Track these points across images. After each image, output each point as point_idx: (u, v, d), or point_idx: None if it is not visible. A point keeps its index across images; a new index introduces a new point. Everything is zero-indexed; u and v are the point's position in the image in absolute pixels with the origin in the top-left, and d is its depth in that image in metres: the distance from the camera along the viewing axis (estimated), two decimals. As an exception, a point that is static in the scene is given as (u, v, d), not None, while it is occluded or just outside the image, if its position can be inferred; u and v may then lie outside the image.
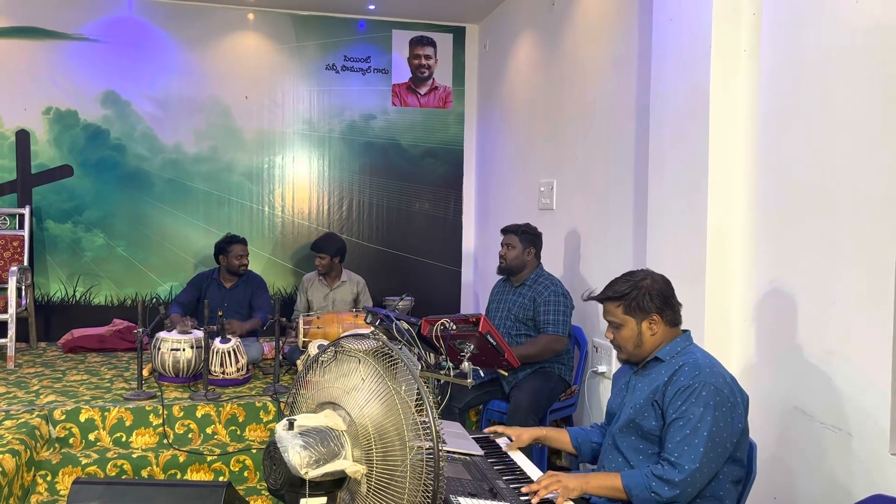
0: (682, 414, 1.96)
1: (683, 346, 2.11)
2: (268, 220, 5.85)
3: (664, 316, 2.11)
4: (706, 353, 2.11)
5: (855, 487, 2.17)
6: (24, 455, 3.15)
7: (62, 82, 5.44)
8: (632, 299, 2.11)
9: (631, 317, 2.12)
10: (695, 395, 1.96)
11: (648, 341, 2.12)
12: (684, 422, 1.95)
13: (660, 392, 2.04)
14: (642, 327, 2.11)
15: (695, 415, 1.94)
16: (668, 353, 2.11)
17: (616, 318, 2.14)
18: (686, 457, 1.93)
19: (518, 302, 3.65)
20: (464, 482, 2.03)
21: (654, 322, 2.11)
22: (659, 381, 2.06)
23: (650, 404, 2.06)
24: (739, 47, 2.68)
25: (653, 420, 2.05)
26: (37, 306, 5.32)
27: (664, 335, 2.13)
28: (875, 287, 2.12)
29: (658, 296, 2.11)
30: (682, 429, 1.95)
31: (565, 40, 4.37)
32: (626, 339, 2.14)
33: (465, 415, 3.69)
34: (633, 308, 2.11)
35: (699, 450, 1.92)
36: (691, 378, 1.99)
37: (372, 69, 5.96)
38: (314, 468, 1.49)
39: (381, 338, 1.67)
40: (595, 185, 3.96)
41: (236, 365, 4.09)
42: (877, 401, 2.11)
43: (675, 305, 2.14)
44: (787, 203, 2.48)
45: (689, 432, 1.94)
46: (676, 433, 1.96)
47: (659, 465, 1.97)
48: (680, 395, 1.98)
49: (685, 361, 2.05)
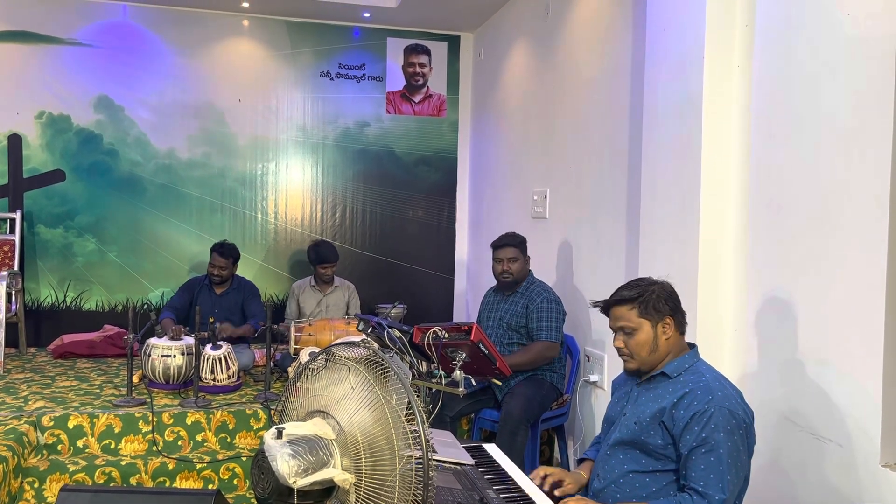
0: (702, 442, 1.92)
1: (692, 363, 2.08)
2: (261, 227, 5.83)
3: (676, 320, 2.09)
4: (714, 372, 2.07)
5: (846, 498, 2.17)
6: (11, 462, 3.12)
7: (55, 87, 5.42)
8: (646, 301, 2.06)
9: (646, 320, 2.07)
10: (713, 420, 1.92)
11: (663, 346, 2.08)
12: (707, 449, 1.92)
13: (667, 413, 2.00)
14: (657, 331, 2.07)
15: (717, 441, 1.91)
16: (675, 369, 2.07)
17: (630, 322, 2.09)
18: (713, 486, 1.89)
19: (510, 310, 3.65)
20: (454, 492, 2.02)
21: (667, 325, 2.08)
22: (666, 403, 2.02)
23: (657, 424, 2.03)
24: (732, 58, 2.70)
25: (658, 439, 2.03)
26: (27, 311, 5.29)
27: (674, 343, 2.10)
28: (866, 297, 2.12)
29: (669, 299, 2.09)
30: (704, 456, 1.92)
31: (559, 50, 4.39)
32: (641, 345, 2.08)
33: (457, 423, 3.67)
34: (648, 310, 2.06)
35: (726, 478, 1.89)
36: (705, 403, 1.95)
37: (366, 77, 5.96)
38: (302, 477, 1.48)
39: (371, 346, 1.66)
40: (588, 194, 3.97)
41: (227, 372, 4.07)
42: (868, 412, 2.11)
43: (683, 313, 2.13)
44: (780, 213, 2.49)
45: (713, 460, 1.91)
46: (699, 461, 1.92)
47: (688, 496, 1.93)
48: (696, 421, 1.94)
49: (695, 384, 2.01)
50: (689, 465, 1.95)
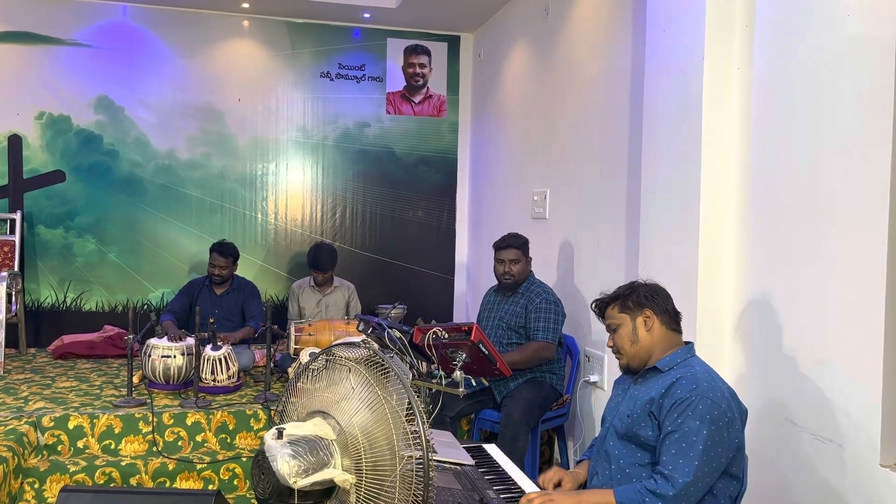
0: (677, 427, 1.95)
1: (684, 358, 2.10)
2: (261, 227, 5.83)
3: (658, 314, 2.13)
4: (706, 367, 2.09)
5: (845, 499, 2.17)
6: (11, 462, 3.12)
7: (55, 87, 5.42)
8: (625, 297, 2.17)
9: (626, 314, 2.15)
10: (691, 408, 1.94)
11: (644, 339, 2.12)
12: (680, 435, 1.94)
13: (656, 403, 2.03)
14: (636, 323, 2.13)
15: (691, 428, 1.93)
16: (667, 363, 2.10)
17: (613, 319, 2.18)
18: (680, 470, 1.91)
19: (510, 310, 3.65)
20: (454, 492, 2.03)
21: (648, 318, 2.12)
22: (654, 393, 2.05)
23: (647, 414, 2.05)
24: (732, 58, 2.70)
25: (649, 430, 2.05)
26: (27, 312, 5.29)
27: (661, 337, 2.12)
28: (865, 297, 2.13)
29: (651, 294, 2.15)
30: (677, 442, 1.94)
31: (559, 50, 4.39)
32: (623, 338, 2.15)
33: (457, 424, 3.67)
34: (626, 305, 2.15)
35: (693, 463, 1.91)
36: (688, 392, 1.97)
37: (366, 77, 5.96)
38: (303, 477, 1.48)
39: (372, 346, 1.66)
40: (588, 194, 3.97)
41: (227, 372, 4.07)
42: (867, 411, 2.11)
43: (673, 311, 2.16)
44: (779, 213, 2.49)
45: (685, 446, 1.93)
46: (672, 446, 1.95)
47: (652, 480, 1.96)
48: (676, 408, 1.97)
49: (683, 374, 2.03)
50: (661, 449, 1.99)
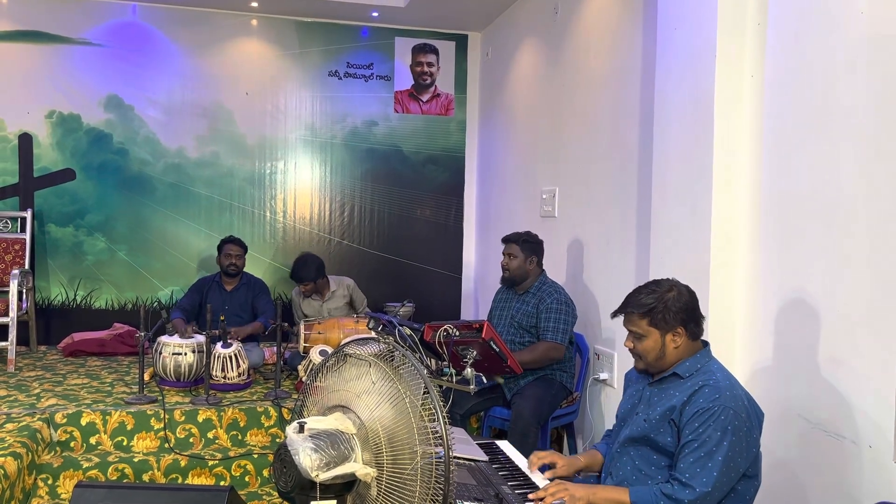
0: (698, 436, 1.95)
1: (703, 363, 2.09)
2: (269, 226, 5.85)
3: (688, 329, 2.09)
4: (726, 372, 2.09)
5: (860, 495, 2.18)
6: (25, 458, 3.14)
7: (65, 86, 5.45)
8: (658, 313, 2.07)
9: (655, 329, 2.08)
10: (713, 418, 1.94)
11: (671, 354, 2.10)
12: (700, 444, 1.94)
13: (677, 412, 2.02)
14: (666, 339, 2.08)
15: (712, 438, 1.93)
16: (687, 369, 2.08)
17: (639, 328, 2.11)
18: (698, 479, 1.92)
19: (522, 309, 3.65)
20: (469, 487, 2.04)
21: (677, 335, 2.08)
22: (676, 401, 2.04)
23: (667, 422, 2.05)
24: (744, 56, 2.70)
25: (668, 437, 2.05)
26: (37, 310, 5.31)
27: (686, 348, 2.10)
28: (880, 295, 2.13)
29: (683, 309, 2.07)
30: (696, 451, 1.94)
31: (568, 48, 4.40)
32: (649, 351, 2.10)
33: (467, 421, 3.68)
34: (657, 321, 2.07)
35: (713, 474, 1.91)
36: (711, 401, 1.96)
37: (374, 76, 5.98)
38: (324, 471, 1.49)
39: (390, 342, 1.67)
40: (598, 193, 3.97)
41: (237, 370, 4.08)
42: (882, 409, 2.12)
43: (699, 318, 2.11)
44: (792, 211, 2.50)
45: (704, 455, 1.93)
46: (690, 454, 1.95)
47: (669, 484, 1.96)
48: (698, 417, 1.96)
49: (705, 382, 2.02)
50: (680, 456, 1.98)
